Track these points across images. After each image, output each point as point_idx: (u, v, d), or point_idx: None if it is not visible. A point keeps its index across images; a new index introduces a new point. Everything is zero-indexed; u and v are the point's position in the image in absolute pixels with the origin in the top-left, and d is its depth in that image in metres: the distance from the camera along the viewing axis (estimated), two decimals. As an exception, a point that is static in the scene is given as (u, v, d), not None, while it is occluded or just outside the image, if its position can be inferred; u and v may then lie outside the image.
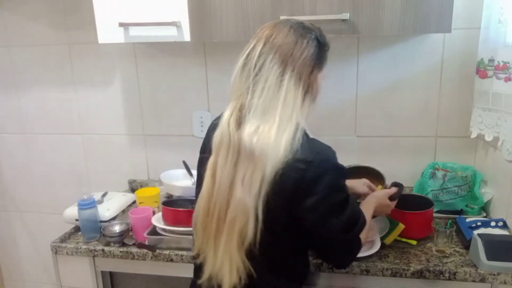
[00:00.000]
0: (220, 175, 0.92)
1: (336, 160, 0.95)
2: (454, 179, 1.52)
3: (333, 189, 0.93)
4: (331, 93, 1.71)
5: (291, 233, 0.97)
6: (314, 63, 0.97)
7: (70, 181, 2.07)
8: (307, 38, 0.96)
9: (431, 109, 1.65)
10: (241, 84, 0.94)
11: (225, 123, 0.93)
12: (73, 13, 1.83)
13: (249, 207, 0.88)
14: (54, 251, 1.50)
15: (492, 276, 1.18)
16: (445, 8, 1.26)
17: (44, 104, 1.99)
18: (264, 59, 0.92)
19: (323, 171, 0.91)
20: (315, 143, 0.95)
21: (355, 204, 1.01)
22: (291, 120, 0.91)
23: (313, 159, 0.90)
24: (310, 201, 0.91)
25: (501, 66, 1.32)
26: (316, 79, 0.99)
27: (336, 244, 1.01)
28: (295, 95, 0.93)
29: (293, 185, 0.90)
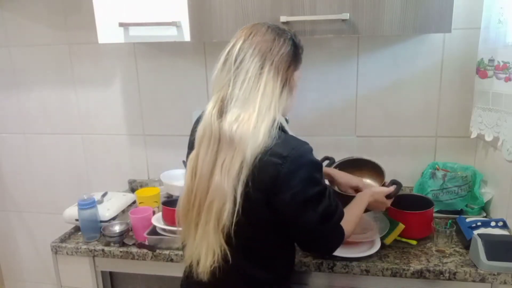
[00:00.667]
0: (201, 165, 0.96)
1: (312, 155, 0.98)
2: (454, 179, 1.52)
3: (308, 183, 0.96)
4: (331, 93, 1.71)
5: (272, 225, 1.00)
6: (290, 60, 1.02)
7: (70, 181, 2.07)
8: (283, 37, 1.01)
9: (431, 109, 1.65)
10: (222, 78, 0.98)
11: (207, 115, 0.97)
12: (73, 13, 1.83)
13: (227, 190, 0.92)
14: (54, 251, 1.50)
15: (492, 276, 1.18)
16: (445, 8, 1.26)
17: (44, 104, 1.99)
18: (244, 54, 0.97)
19: (298, 166, 0.94)
20: (291, 139, 0.98)
21: (332, 196, 1.03)
22: (270, 109, 0.95)
23: (288, 154, 0.93)
24: (286, 195, 0.94)
25: (501, 66, 1.32)
26: (292, 76, 1.04)
27: (316, 235, 1.03)
28: (273, 86, 0.97)
29: (269, 179, 0.93)
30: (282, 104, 0.99)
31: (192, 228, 1.00)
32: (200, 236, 0.98)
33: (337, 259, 1.26)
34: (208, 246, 0.96)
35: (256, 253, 1.04)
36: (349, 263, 1.25)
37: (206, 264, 0.97)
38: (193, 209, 0.99)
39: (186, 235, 1.03)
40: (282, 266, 1.11)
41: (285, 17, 1.33)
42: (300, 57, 1.08)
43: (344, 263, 1.25)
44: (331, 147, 1.69)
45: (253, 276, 1.05)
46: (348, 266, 1.25)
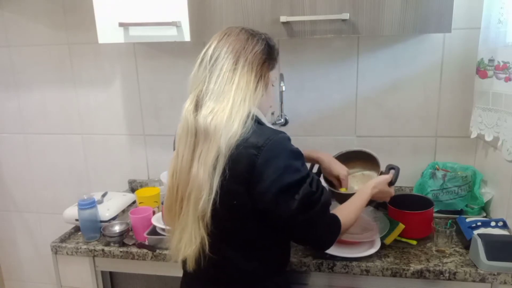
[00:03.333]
0: (180, 160, 1.00)
1: (288, 143, 0.99)
2: (454, 179, 1.52)
3: (285, 171, 0.96)
4: (331, 93, 1.71)
5: (254, 215, 1.00)
6: (265, 57, 1.04)
7: (70, 181, 2.07)
8: (257, 37, 1.04)
9: (431, 109, 1.65)
10: (199, 76, 1.01)
11: (184, 112, 1.00)
12: (73, 13, 1.83)
13: (203, 180, 0.94)
14: (54, 251, 1.50)
15: (492, 276, 1.18)
16: (445, 8, 1.26)
17: (44, 104, 1.99)
18: (219, 52, 1.00)
19: (274, 155, 0.95)
20: (267, 129, 1.00)
21: (316, 183, 1.02)
22: (244, 101, 0.97)
23: (263, 144, 0.94)
24: (264, 184, 0.95)
25: (501, 66, 1.32)
26: (267, 73, 1.06)
27: (297, 223, 1.00)
28: (248, 80, 0.99)
29: (246, 170, 0.94)
30: (257, 98, 1.01)
31: (176, 221, 1.04)
32: (181, 226, 1.01)
33: (337, 259, 1.26)
34: (188, 236, 1.00)
35: (242, 244, 1.05)
36: (349, 263, 1.25)
37: (188, 253, 1.00)
38: (176, 204, 1.02)
39: (171, 231, 1.07)
40: (273, 259, 1.10)
41: (285, 17, 1.33)
42: (275, 58, 1.10)
43: (344, 263, 1.25)
44: (331, 147, 1.68)
45: (241, 268, 1.05)
46: (348, 266, 1.25)
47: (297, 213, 0.98)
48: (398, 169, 1.28)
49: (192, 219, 0.98)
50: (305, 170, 1.01)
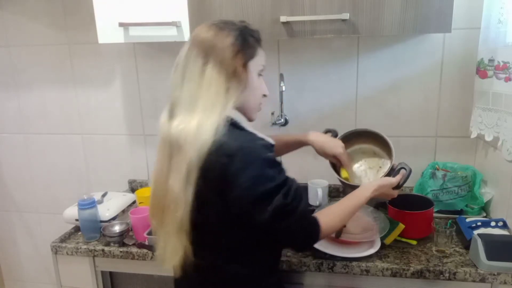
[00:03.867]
0: (159, 170, 1.01)
1: (263, 151, 0.95)
2: (454, 179, 1.52)
3: (257, 181, 0.93)
4: (331, 93, 1.71)
5: (233, 222, 0.99)
6: (237, 50, 0.98)
7: (70, 181, 2.07)
8: (226, 30, 1.00)
9: (431, 109, 1.65)
10: (174, 83, 1.01)
11: (161, 121, 1.02)
12: (73, 13, 1.83)
13: (179, 193, 0.95)
14: (54, 251, 1.50)
15: (492, 276, 1.18)
16: (445, 8, 1.26)
17: (44, 104, 1.99)
18: (189, 55, 0.99)
19: (246, 163, 0.92)
20: (242, 135, 0.97)
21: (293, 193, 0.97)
22: (215, 106, 0.95)
23: (235, 152, 0.92)
24: (235, 193, 0.93)
25: (501, 66, 1.32)
26: (244, 65, 1.00)
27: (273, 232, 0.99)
28: (218, 83, 0.96)
29: (218, 178, 0.93)
30: (231, 99, 0.97)
31: (159, 229, 1.05)
32: (164, 235, 1.03)
33: (337, 259, 1.26)
34: (172, 246, 1.01)
35: (227, 249, 1.03)
36: (349, 263, 1.25)
37: (174, 262, 1.02)
38: (159, 212, 1.03)
39: (156, 238, 1.08)
40: (261, 261, 1.09)
41: (285, 17, 1.33)
42: (253, 46, 1.03)
43: (344, 263, 1.25)
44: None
45: (229, 272, 1.04)
46: (348, 266, 1.25)
47: (270, 222, 0.95)
48: (409, 172, 1.21)
49: (174, 230, 0.99)
50: (280, 179, 0.96)
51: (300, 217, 0.99)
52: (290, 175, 1.01)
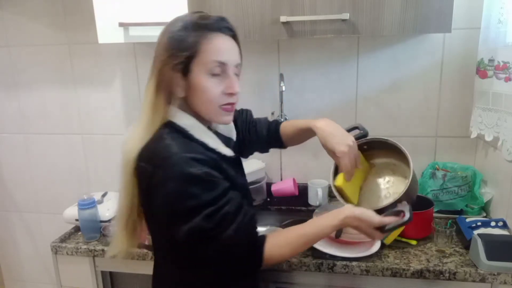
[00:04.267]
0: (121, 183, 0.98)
1: (187, 166, 0.85)
2: (454, 179, 1.52)
3: (175, 197, 0.85)
4: (331, 93, 1.71)
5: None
6: (169, 53, 0.91)
7: (70, 181, 2.07)
8: (163, 30, 0.95)
9: (431, 109, 1.65)
10: None
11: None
12: (73, 13, 1.83)
13: (124, 205, 0.97)
14: (54, 251, 1.50)
15: (492, 276, 1.18)
16: (445, 8, 1.26)
17: (44, 104, 1.99)
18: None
19: (166, 177, 0.86)
20: (172, 146, 0.88)
21: (219, 216, 0.86)
22: (152, 123, 0.92)
23: (160, 163, 0.87)
24: (154, 205, 0.90)
25: (501, 66, 1.32)
26: (169, 69, 0.91)
27: (186, 254, 0.91)
28: (155, 97, 0.93)
29: (145, 187, 0.92)
30: (161, 106, 0.92)
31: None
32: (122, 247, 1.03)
33: (337, 259, 1.26)
34: (115, 241, 1.02)
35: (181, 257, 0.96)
36: (349, 263, 1.25)
37: (112, 254, 1.03)
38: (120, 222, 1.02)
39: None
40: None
41: (285, 17, 1.33)
42: (195, 43, 0.90)
43: (344, 263, 1.25)
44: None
45: (184, 280, 0.98)
46: (348, 266, 1.25)
47: (186, 243, 0.88)
48: (407, 220, 0.93)
49: (119, 229, 1.01)
50: (204, 198, 0.85)
51: (224, 246, 0.87)
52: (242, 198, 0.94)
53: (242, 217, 0.90)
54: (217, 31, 0.93)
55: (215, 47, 0.92)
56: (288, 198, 1.75)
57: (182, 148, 0.88)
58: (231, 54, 0.95)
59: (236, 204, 0.90)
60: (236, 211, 0.90)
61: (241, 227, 0.89)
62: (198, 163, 0.86)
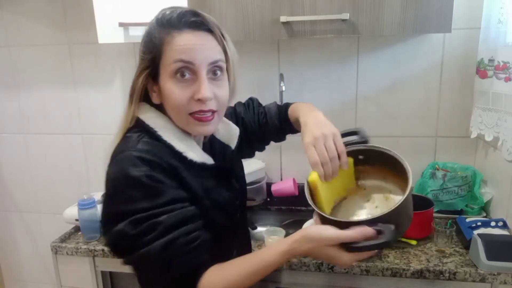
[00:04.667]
0: None
1: (129, 165, 0.76)
2: (454, 179, 1.52)
3: (110, 197, 0.79)
4: (331, 93, 1.71)
5: None
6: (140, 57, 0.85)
7: (70, 181, 2.07)
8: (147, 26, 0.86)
9: (431, 109, 1.65)
10: None
11: None
12: (73, 13, 1.83)
13: None
14: (54, 251, 1.50)
15: (492, 276, 1.18)
16: (445, 8, 1.26)
17: (44, 104, 1.99)
18: None
19: (110, 174, 0.79)
20: (127, 143, 0.82)
21: (148, 225, 0.74)
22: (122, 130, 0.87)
23: (112, 158, 0.81)
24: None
25: (501, 66, 1.32)
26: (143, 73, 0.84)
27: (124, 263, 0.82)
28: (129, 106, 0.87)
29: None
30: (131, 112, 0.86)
31: None
32: None
33: (337, 259, 1.26)
34: None
35: None
36: (349, 263, 1.25)
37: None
38: None
39: None
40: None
41: (285, 17, 1.33)
42: (160, 41, 0.82)
43: (344, 263, 1.25)
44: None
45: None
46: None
47: (110, 246, 0.80)
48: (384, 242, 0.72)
49: None
50: (139, 205, 0.74)
51: (145, 261, 0.77)
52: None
53: (180, 235, 0.75)
54: (182, 27, 0.81)
55: (177, 45, 0.80)
56: (288, 198, 1.75)
57: (137, 145, 0.80)
58: (200, 51, 0.80)
59: (180, 219, 0.76)
60: (174, 226, 0.75)
61: (174, 247, 0.74)
62: (143, 164, 0.76)
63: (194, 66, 0.80)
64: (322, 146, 0.86)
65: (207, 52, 0.82)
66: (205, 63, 0.81)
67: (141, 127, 0.85)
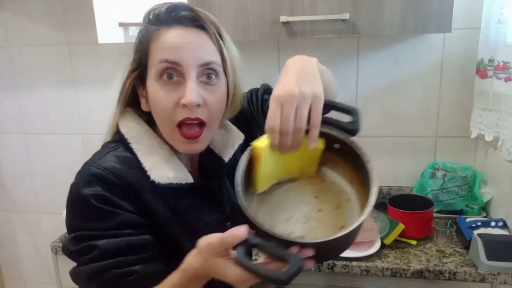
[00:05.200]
0: None
1: (81, 183, 0.72)
2: (454, 179, 1.52)
3: (66, 208, 0.75)
4: (331, 93, 1.71)
5: None
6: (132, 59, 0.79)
7: (70, 181, 2.05)
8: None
9: (431, 109, 1.65)
10: None
11: None
12: (73, 13, 1.83)
13: None
14: (54, 251, 1.50)
15: (492, 276, 1.18)
16: (445, 8, 1.26)
17: (44, 104, 1.99)
18: None
19: (70, 187, 0.75)
20: (93, 157, 0.80)
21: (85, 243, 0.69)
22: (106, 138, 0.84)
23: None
24: None
25: (501, 66, 1.32)
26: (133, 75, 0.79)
27: None
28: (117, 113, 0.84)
29: None
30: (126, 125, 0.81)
31: None
32: None
33: (337, 259, 1.26)
34: None
35: None
36: (349, 263, 1.25)
37: None
38: None
39: None
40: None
41: (285, 17, 1.33)
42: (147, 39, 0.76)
43: (344, 263, 1.25)
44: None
45: None
46: (348, 266, 1.25)
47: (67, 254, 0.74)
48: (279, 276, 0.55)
49: None
50: (83, 224, 0.70)
51: (80, 279, 0.71)
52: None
53: (116, 265, 0.68)
54: (172, 22, 0.73)
55: (162, 43, 0.72)
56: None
57: (102, 158, 0.75)
58: (188, 50, 0.71)
59: (121, 247, 0.68)
60: (112, 253, 0.68)
61: (108, 275, 0.67)
62: (97, 182, 0.70)
63: (181, 67, 0.71)
64: (291, 109, 0.64)
65: (197, 52, 0.72)
66: (194, 65, 0.71)
67: (117, 136, 0.78)
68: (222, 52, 0.75)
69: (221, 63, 0.75)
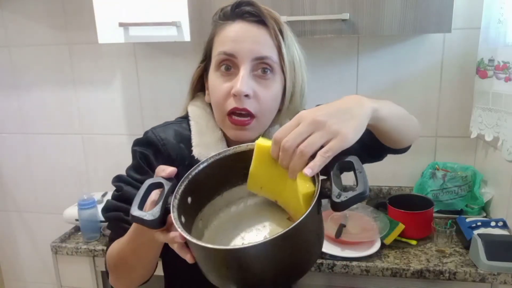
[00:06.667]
0: None
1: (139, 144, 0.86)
2: (454, 179, 1.52)
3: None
4: (331, 93, 1.71)
5: None
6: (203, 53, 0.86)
7: (70, 181, 2.07)
8: None
9: (431, 109, 1.65)
10: None
11: None
12: (73, 13, 1.83)
13: None
14: (54, 251, 1.50)
15: (492, 276, 1.18)
16: (445, 8, 1.26)
17: (44, 104, 1.99)
18: None
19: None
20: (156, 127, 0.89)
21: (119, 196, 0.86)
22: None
23: None
24: None
25: (501, 66, 1.32)
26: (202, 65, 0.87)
27: None
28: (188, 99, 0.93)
29: None
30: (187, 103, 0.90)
31: None
32: None
33: (337, 259, 1.26)
34: None
35: None
36: (349, 263, 1.25)
37: None
38: None
39: None
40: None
41: (285, 17, 1.33)
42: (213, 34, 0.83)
43: (344, 263, 1.25)
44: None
45: None
46: (348, 266, 1.25)
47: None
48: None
49: None
50: (127, 169, 0.86)
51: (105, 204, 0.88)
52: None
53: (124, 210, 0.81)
54: (235, 17, 0.77)
55: (223, 36, 0.77)
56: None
57: (161, 127, 0.85)
58: (244, 44, 0.74)
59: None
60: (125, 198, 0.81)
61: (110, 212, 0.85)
62: (147, 144, 0.82)
63: (236, 59, 0.75)
64: (305, 130, 0.58)
65: (253, 45, 0.74)
66: (249, 57, 0.74)
67: (187, 114, 0.87)
68: (281, 48, 0.77)
69: (278, 59, 0.77)
